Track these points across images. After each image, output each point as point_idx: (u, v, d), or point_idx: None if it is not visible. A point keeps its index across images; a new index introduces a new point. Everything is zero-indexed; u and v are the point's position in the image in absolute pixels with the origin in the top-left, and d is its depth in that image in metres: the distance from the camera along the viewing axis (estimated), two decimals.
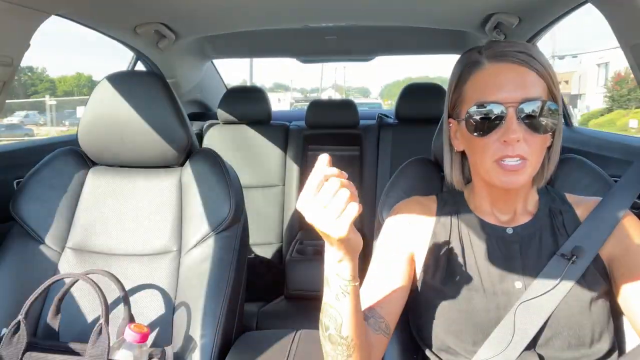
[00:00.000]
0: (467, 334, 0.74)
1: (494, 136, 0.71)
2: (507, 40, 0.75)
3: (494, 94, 0.71)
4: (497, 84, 0.71)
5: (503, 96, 0.70)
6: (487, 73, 0.73)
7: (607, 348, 0.73)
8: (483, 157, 0.73)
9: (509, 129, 0.69)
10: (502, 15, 1.47)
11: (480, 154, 0.73)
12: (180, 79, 2.27)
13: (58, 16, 1.23)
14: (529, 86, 0.70)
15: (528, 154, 0.70)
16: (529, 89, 0.70)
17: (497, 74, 0.72)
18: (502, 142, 0.70)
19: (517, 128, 0.69)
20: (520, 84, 0.70)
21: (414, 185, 0.99)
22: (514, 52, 0.72)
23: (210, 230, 1.13)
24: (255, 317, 1.74)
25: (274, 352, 1.06)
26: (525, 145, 0.70)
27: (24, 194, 1.17)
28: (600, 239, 0.75)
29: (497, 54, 0.73)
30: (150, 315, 1.09)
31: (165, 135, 1.17)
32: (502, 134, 0.70)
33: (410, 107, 2.27)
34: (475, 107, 0.72)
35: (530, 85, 0.70)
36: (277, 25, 1.86)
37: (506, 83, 0.71)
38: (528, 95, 0.70)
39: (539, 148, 0.72)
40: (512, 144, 0.69)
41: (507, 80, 0.71)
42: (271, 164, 2.34)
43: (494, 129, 0.71)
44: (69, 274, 0.99)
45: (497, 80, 0.71)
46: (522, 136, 0.69)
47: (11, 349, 0.89)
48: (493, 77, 0.72)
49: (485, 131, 0.71)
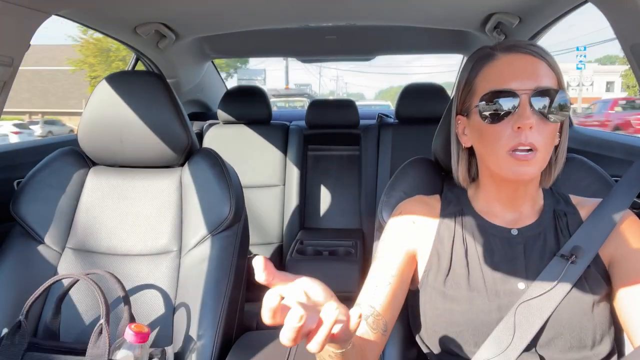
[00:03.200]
0: (468, 334, 0.74)
1: (507, 124, 0.71)
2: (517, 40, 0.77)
3: (507, 82, 0.71)
4: (510, 72, 0.72)
5: (516, 84, 0.71)
6: (499, 62, 0.74)
7: (608, 350, 0.73)
8: (495, 148, 0.73)
9: (523, 115, 0.69)
10: (503, 15, 1.47)
11: (492, 143, 0.73)
12: (181, 78, 2.27)
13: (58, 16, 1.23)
14: (541, 75, 0.71)
15: (539, 144, 0.70)
16: (542, 78, 0.71)
17: (509, 63, 0.73)
18: (516, 129, 0.70)
19: (530, 114, 0.69)
20: (533, 72, 0.71)
21: (414, 185, 0.99)
22: (525, 45, 0.74)
23: (211, 230, 1.13)
24: (255, 317, 1.73)
25: (274, 352, 1.06)
26: (537, 133, 0.70)
27: (25, 194, 1.17)
28: (600, 239, 0.75)
29: (509, 46, 0.75)
30: (150, 315, 1.09)
31: (166, 135, 1.17)
32: (515, 121, 0.70)
33: (410, 106, 2.27)
34: (489, 95, 0.73)
35: (542, 74, 0.71)
36: (277, 24, 1.86)
37: (519, 71, 0.72)
38: (541, 84, 0.70)
39: (550, 138, 0.72)
40: (525, 130, 0.70)
41: (521, 68, 0.72)
42: (271, 164, 2.34)
43: (507, 117, 0.71)
44: (69, 274, 0.99)
45: (510, 69, 0.72)
46: (534, 123, 0.70)
47: (12, 349, 0.89)
48: (506, 65, 0.73)
49: (499, 119, 0.72)
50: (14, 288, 1.08)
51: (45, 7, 1.09)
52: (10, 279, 1.09)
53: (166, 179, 1.21)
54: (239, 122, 2.39)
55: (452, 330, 0.76)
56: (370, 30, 2.15)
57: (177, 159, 1.22)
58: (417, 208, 0.85)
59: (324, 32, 2.14)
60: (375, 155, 2.31)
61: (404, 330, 0.89)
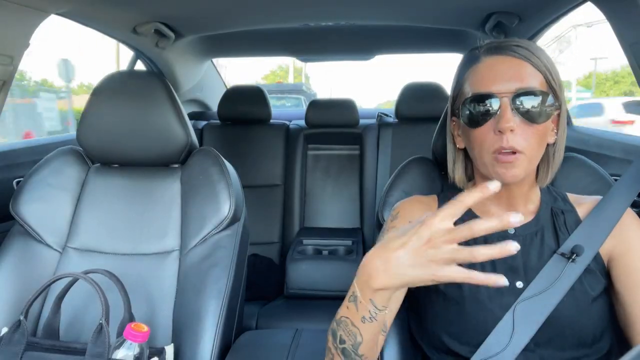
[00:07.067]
0: (467, 334, 0.74)
1: (489, 127, 0.71)
2: (508, 38, 0.76)
3: (489, 85, 0.71)
4: (492, 75, 0.72)
5: (497, 87, 0.70)
6: (483, 66, 0.74)
7: (608, 347, 0.73)
8: (481, 150, 0.73)
9: (503, 118, 0.69)
10: (502, 15, 1.47)
11: (478, 147, 0.73)
12: (180, 78, 2.27)
13: (58, 16, 1.23)
14: (524, 77, 0.70)
15: (523, 147, 0.70)
16: (524, 79, 0.70)
17: (491, 66, 0.72)
18: (497, 132, 0.70)
19: (510, 117, 0.69)
20: (515, 75, 0.70)
21: (414, 184, 0.99)
22: (511, 46, 0.72)
23: (211, 229, 1.13)
24: (255, 316, 1.74)
25: (274, 352, 1.06)
26: (520, 137, 0.69)
27: (24, 193, 1.17)
28: (600, 238, 0.75)
29: (494, 47, 0.74)
30: (150, 314, 1.09)
31: (165, 134, 1.17)
32: (496, 124, 0.70)
33: (410, 106, 2.27)
34: (470, 99, 0.73)
35: (525, 76, 0.70)
36: (277, 24, 1.86)
37: (501, 74, 0.71)
38: (522, 86, 0.70)
39: (535, 140, 0.71)
40: (505, 134, 0.69)
41: (502, 71, 0.71)
42: (271, 164, 2.34)
43: (488, 119, 0.71)
44: (69, 273, 0.98)
45: (491, 72, 0.72)
46: (516, 126, 0.69)
47: (11, 349, 0.89)
48: (488, 69, 0.73)
49: (480, 122, 0.72)
50: (13, 287, 1.08)
51: (45, 6, 1.09)
52: (10, 279, 1.09)
53: (166, 178, 1.21)
54: (239, 121, 2.39)
55: (451, 329, 0.76)
56: (370, 29, 2.14)
57: (177, 158, 1.22)
58: (414, 208, 0.85)
59: (324, 32, 2.14)
60: (376, 154, 2.31)
61: (403, 330, 0.89)
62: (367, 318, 0.60)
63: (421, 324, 0.81)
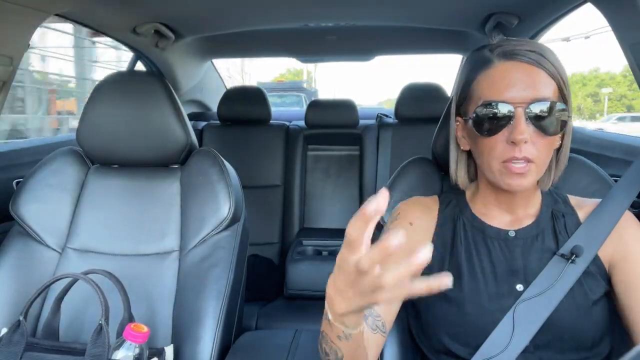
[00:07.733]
0: (467, 336, 0.74)
1: (501, 136, 0.69)
2: (518, 39, 0.74)
3: (503, 93, 0.69)
4: (506, 83, 0.69)
5: (512, 95, 0.68)
6: (496, 71, 0.71)
7: (608, 351, 0.73)
8: (490, 159, 0.71)
9: (517, 129, 0.67)
10: (502, 15, 1.48)
11: (487, 155, 0.72)
12: (180, 78, 2.27)
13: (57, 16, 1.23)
14: (538, 86, 0.68)
15: (535, 157, 0.69)
16: (539, 89, 0.68)
17: (506, 73, 0.70)
18: (510, 142, 0.69)
19: (525, 128, 0.67)
20: (530, 83, 0.68)
21: (414, 185, 0.99)
22: (525, 51, 0.70)
23: (210, 229, 1.13)
24: (255, 317, 1.74)
25: (274, 352, 1.06)
26: (532, 147, 0.68)
27: (24, 193, 1.17)
28: (600, 239, 0.75)
29: (508, 52, 0.71)
30: (150, 315, 1.09)
31: (165, 135, 1.17)
32: (509, 134, 0.68)
33: (409, 106, 2.27)
34: (483, 106, 0.70)
35: (540, 85, 0.69)
36: (277, 25, 1.86)
37: (515, 82, 0.69)
38: (537, 95, 0.68)
39: (546, 150, 0.70)
40: (519, 145, 0.68)
41: (517, 79, 0.69)
42: (271, 164, 2.34)
43: (501, 129, 0.69)
44: (68, 273, 0.98)
45: (506, 79, 0.70)
46: (529, 137, 0.68)
47: (11, 349, 0.89)
48: (502, 75, 0.70)
49: (493, 131, 0.70)
50: (13, 288, 1.08)
51: (45, 6, 1.09)
52: (10, 279, 1.09)
53: (166, 178, 1.21)
54: (239, 122, 2.39)
55: (451, 331, 0.75)
56: (370, 30, 2.14)
57: (177, 158, 1.22)
58: (414, 209, 0.85)
59: (324, 32, 2.14)
60: (375, 155, 2.31)
61: (403, 330, 0.89)
62: (342, 337, 0.59)
63: (421, 325, 0.81)
